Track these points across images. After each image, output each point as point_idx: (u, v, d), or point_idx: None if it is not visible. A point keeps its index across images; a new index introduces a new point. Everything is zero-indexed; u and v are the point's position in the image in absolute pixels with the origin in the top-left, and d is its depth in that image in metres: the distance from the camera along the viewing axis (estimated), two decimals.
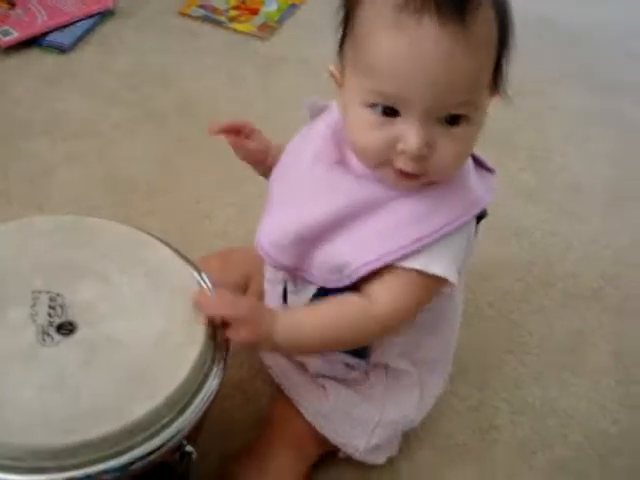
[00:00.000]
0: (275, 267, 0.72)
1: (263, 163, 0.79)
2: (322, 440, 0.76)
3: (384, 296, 0.65)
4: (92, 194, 1.07)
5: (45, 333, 0.59)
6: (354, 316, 0.65)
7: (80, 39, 1.42)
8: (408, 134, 0.59)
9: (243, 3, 1.59)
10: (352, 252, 0.66)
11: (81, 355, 0.58)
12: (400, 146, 0.60)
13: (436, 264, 0.64)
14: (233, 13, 1.55)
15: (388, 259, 0.65)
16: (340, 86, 0.66)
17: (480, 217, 0.69)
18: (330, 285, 0.68)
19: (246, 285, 0.87)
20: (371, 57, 0.60)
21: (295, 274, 0.71)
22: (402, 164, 0.62)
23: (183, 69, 1.36)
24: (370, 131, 0.62)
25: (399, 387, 0.77)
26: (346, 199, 0.66)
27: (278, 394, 0.80)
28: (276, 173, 0.75)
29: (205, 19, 1.52)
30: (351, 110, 0.63)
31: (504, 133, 1.26)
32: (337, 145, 0.70)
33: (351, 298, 0.66)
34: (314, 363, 0.76)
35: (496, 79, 0.64)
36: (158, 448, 0.56)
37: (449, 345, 0.80)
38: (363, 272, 0.65)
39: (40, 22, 1.41)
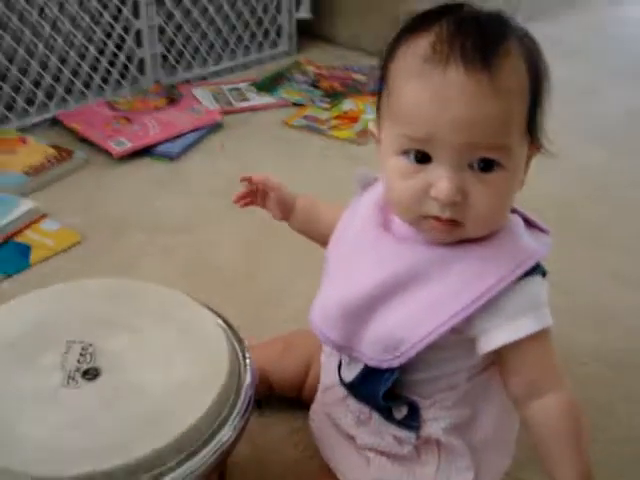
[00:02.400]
0: (325, 343, 0.71)
1: (286, 219, 0.82)
2: None
3: (547, 373, 0.65)
4: (175, 279, 1.11)
5: (71, 377, 0.61)
6: (570, 415, 0.65)
7: (188, 149, 1.53)
8: (439, 179, 0.60)
9: (345, 113, 1.66)
10: (407, 326, 0.65)
11: (100, 398, 0.59)
12: (432, 192, 0.60)
13: (537, 319, 0.64)
14: (334, 122, 1.63)
15: (442, 330, 0.63)
16: (378, 142, 0.67)
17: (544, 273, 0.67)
18: (382, 366, 0.67)
19: (307, 367, 0.87)
20: (401, 104, 0.62)
21: (346, 353, 0.70)
22: (436, 211, 0.61)
23: (282, 170, 1.42)
24: (404, 180, 0.62)
25: (452, 468, 0.72)
26: (392, 266, 0.66)
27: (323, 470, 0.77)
28: (331, 246, 0.76)
29: (308, 128, 1.60)
30: (387, 162, 0.65)
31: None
32: (381, 210, 0.71)
33: (547, 414, 0.65)
34: (362, 434, 0.73)
35: (531, 129, 0.63)
36: None
37: (506, 422, 0.74)
38: (420, 347, 0.64)
39: (152, 135, 1.53)
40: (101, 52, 1.66)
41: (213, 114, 1.62)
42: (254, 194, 0.83)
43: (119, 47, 1.68)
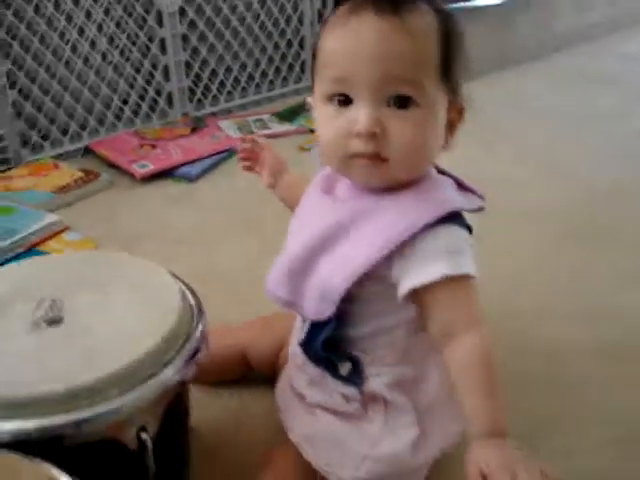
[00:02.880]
0: (275, 302, 0.76)
1: (272, 188, 0.90)
2: (311, 468, 0.75)
3: (460, 315, 0.67)
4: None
5: (36, 324, 0.69)
6: (483, 353, 0.65)
7: (207, 171, 1.62)
8: (359, 116, 0.66)
9: None
10: (334, 274, 0.69)
11: (55, 340, 0.67)
12: (354, 128, 0.66)
13: (450, 265, 0.66)
14: None
15: (358, 273, 0.67)
16: (312, 109, 0.74)
17: (470, 230, 0.72)
18: (320, 317, 0.71)
19: (281, 345, 0.92)
20: (325, 51, 0.69)
21: (294, 309, 0.75)
22: (359, 146, 0.67)
23: None
24: (330, 123, 0.69)
25: (397, 424, 0.74)
26: (323, 223, 0.72)
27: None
28: (292, 218, 0.82)
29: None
30: (316, 114, 0.71)
31: None
32: (328, 178, 0.77)
33: (459, 349, 0.66)
34: (312, 393, 0.77)
35: (446, 78, 0.69)
36: (98, 417, 0.61)
37: (446, 394, 0.74)
38: (343, 289, 0.68)
39: (174, 158, 1.63)
40: (131, 86, 1.78)
41: (232, 140, 1.72)
42: (255, 155, 0.92)
43: (148, 81, 1.81)
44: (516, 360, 0.97)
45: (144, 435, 0.65)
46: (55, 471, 0.56)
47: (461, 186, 0.75)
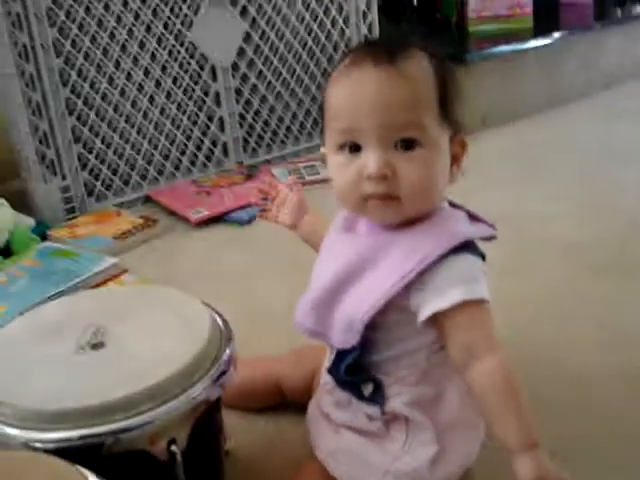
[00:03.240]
0: (303, 333, 0.82)
1: (294, 228, 0.97)
2: None
3: (478, 338, 0.71)
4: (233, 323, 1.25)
5: (81, 348, 0.76)
6: (505, 372, 0.70)
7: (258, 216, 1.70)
8: (369, 161, 0.72)
9: None
10: (357, 306, 0.75)
11: (98, 361, 0.74)
12: (365, 172, 0.72)
13: (465, 291, 0.71)
14: None
15: (379, 305, 0.73)
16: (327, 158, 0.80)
17: (483, 257, 0.77)
18: (346, 345, 0.76)
19: (312, 376, 0.96)
20: (331, 104, 0.76)
21: (320, 339, 0.81)
22: (371, 188, 0.72)
23: None
24: (342, 170, 0.74)
25: (417, 442, 0.78)
26: (344, 259, 0.77)
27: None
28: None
29: None
30: (330, 164, 0.77)
31: None
32: (347, 218, 0.83)
33: (482, 371, 0.70)
34: (337, 413, 0.82)
35: (446, 117, 0.74)
36: (133, 428, 0.68)
37: (471, 405, 0.79)
38: (366, 319, 0.74)
39: (227, 204, 1.72)
40: (188, 138, 1.89)
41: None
42: (271, 195, 0.99)
43: (204, 133, 1.92)
44: (544, 386, 1.00)
45: (174, 447, 0.71)
46: (93, 478, 0.62)
47: (472, 217, 0.80)
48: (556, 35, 2.34)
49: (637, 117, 2.23)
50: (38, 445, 0.67)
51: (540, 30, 2.37)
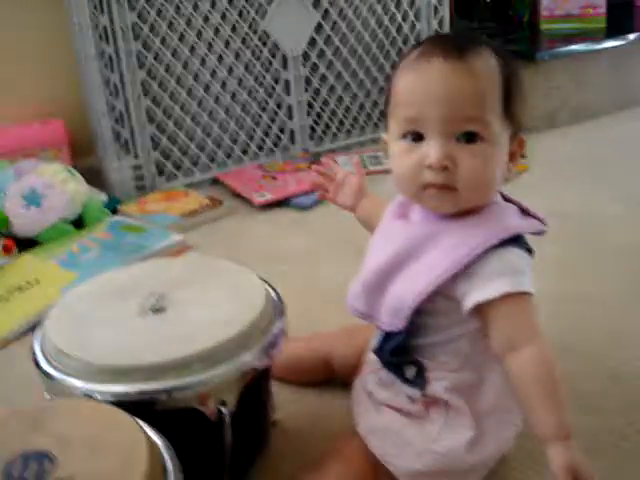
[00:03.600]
0: (353, 314, 0.86)
1: (353, 210, 0.99)
2: (374, 458, 0.83)
3: (521, 329, 0.73)
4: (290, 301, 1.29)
5: (144, 311, 0.82)
6: (544, 364, 0.72)
7: (320, 202, 1.75)
8: (431, 150, 0.75)
9: None
10: (406, 291, 0.78)
11: (157, 324, 0.79)
12: (426, 161, 0.75)
13: (511, 283, 0.73)
14: None
15: (427, 291, 0.76)
16: (386, 145, 0.83)
17: (530, 252, 0.79)
18: (394, 328, 0.80)
19: (361, 354, 0.99)
20: (398, 93, 0.78)
21: (370, 321, 0.84)
22: (431, 177, 0.75)
23: None
24: (404, 157, 0.77)
25: (456, 425, 0.81)
26: (396, 245, 0.81)
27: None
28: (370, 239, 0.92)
29: None
30: (392, 149, 0.80)
31: None
32: (401, 204, 0.86)
33: (522, 362, 0.73)
34: (379, 391, 0.85)
35: (508, 115, 0.77)
36: (185, 387, 0.73)
37: (509, 393, 0.81)
38: (414, 305, 0.77)
39: (290, 189, 1.77)
40: (257, 123, 1.95)
41: None
42: (330, 184, 1.01)
43: (272, 119, 1.97)
44: (585, 380, 1.01)
45: (223, 409, 0.76)
46: (148, 429, 0.67)
47: (524, 211, 0.81)
48: (629, 37, 2.30)
49: None
50: (98, 397, 0.72)
51: (613, 31, 2.34)
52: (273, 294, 0.88)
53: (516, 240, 0.77)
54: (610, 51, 2.28)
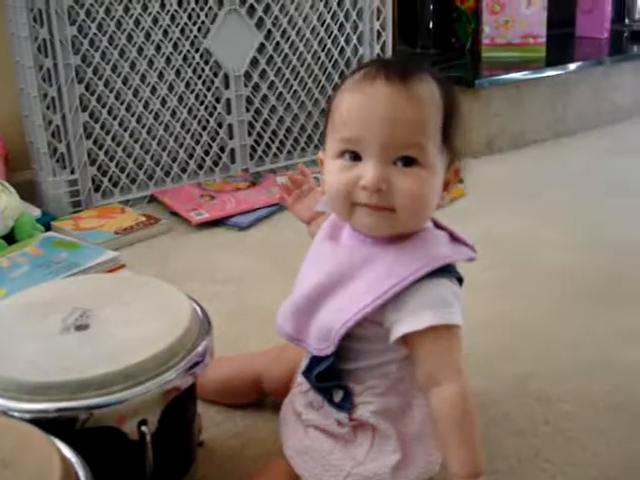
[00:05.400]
0: (283, 336, 0.85)
1: (307, 223, 0.98)
2: None
3: (443, 364, 0.74)
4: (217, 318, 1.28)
5: (66, 328, 0.80)
6: (462, 402, 0.73)
7: (257, 222, 1.75)
8: (367, 171, 0.74)
9: None
10: (334, 317, 0.78)
11: (80, 341, 0.78)
12: (361, 182, 0.74)
13: (437, 315, 0.74)
14: None
15: (355, 319, 0.76)
16: (322, 164, 0.83)
17: (460, 281, 0.80)
18: (322, 353, 0.80)
19: (293, 373, 0.99)
20: (339, 113, 0.77)
21: (299, 344, 0.84)
22: (364, 198, 0.75)
23: None
24: (339, 174, 0.76)
25: (382, 449, 0.81)
26: (326, 269, 0.80)
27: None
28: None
29: None
30: (327, 167, 0.79)
31: None
32: (333, 226, 0.86)
33: (441, 398, 0.74)
34: (308, 413, 0.85)
35: (447, 143, 0.78)
36: (106, 405, 0.71)
37: (425, 423, 0.82)
38: (342, 332, 0.77)
39: (228, 208, 1.77)
40: (197, 142, 1.94)
41: None
42: (292, 190, 1.01)
43: (213, 138, 1.96)
44: (512, 403, 1.03)
45: (144, 428, 0.74)
46: (64, 448, 0.65)
47: (454, 238, 0.82)
48: (569, 66, 2.38)
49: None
50: (15, 414, 0.70)
51: (553, 60, 2.41)
52: (200, 313, 0.87)
53: (446, 269, 0.77)
54: (549, 80, 2.35)
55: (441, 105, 0.77)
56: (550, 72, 2.35)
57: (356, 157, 0.76)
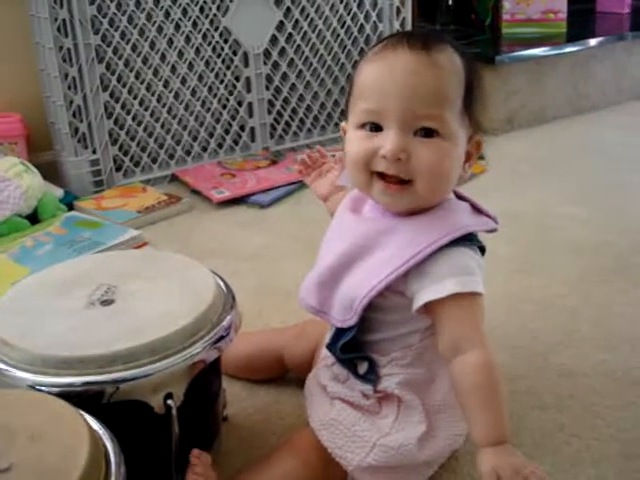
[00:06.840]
0: (306, 309, 0.85)
1: (324, 200, 0.97)
2: (326, 452, 0.82)
3: (466, 331, 0.73)
4: (246, 298, 1.25)
5: (92, 303, 0.81)
6: (486, 369, 0.72)
7: (278, 199, 1.75)
8: (386, 141, 0.74)
9: None
10: (358, 287, 0.78)
11: (105, 315, 0.79)
12: (381, 151, 0.75)
13: (460, 283, 0.73)
14: None
15: (378, 288, 0.76)
16: (345, 133, 0.83)
17: (482, 250, 0.80)
18: (345, 324, 0.80)
19: (314, 350, 1.00)
20: (361, 83, 0.78)
21: (322, 317, 0.84)
22: (383, 167, 0.75)
23: None
24: (360, 143, 0.77)
25: (407, 421, 0.81)
26: (349, 241, 0.80)
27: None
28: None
29: None
30: (348, 138, 0.79)
31: None
32: (355, 199, 0.86)
33: (465, 365, 0.72)
34: (333, 387, 0.85)
35: (468, 113, 0.77)
36: (132, 379, 0.72)
37: (450, 394, 0.81)
38: (365, 302, 0.77)
39: (249, 187, 1.77)
40: (217, 121, 1.94)
41: None
42: (311, 167, 1.00)
43: (233, 117, 1.96)
44: (535, 377, 1.03)
45: (170, 401, 0.75)
46: (93, 421, 0.66)
47: (476, 209, 0.82)
48: (589, 42, 2.34)
49: None
50: (43, 389, 0.71)
51: (573, 36, 2.37)
52: (224, 288, 0.87)
53: (468, 238, 0.77)
54: (569, 56, 2.32)
55: (463, 76, 0.77)
56: (571, 48, 2.32)
57: (377, 128, 0.76)
